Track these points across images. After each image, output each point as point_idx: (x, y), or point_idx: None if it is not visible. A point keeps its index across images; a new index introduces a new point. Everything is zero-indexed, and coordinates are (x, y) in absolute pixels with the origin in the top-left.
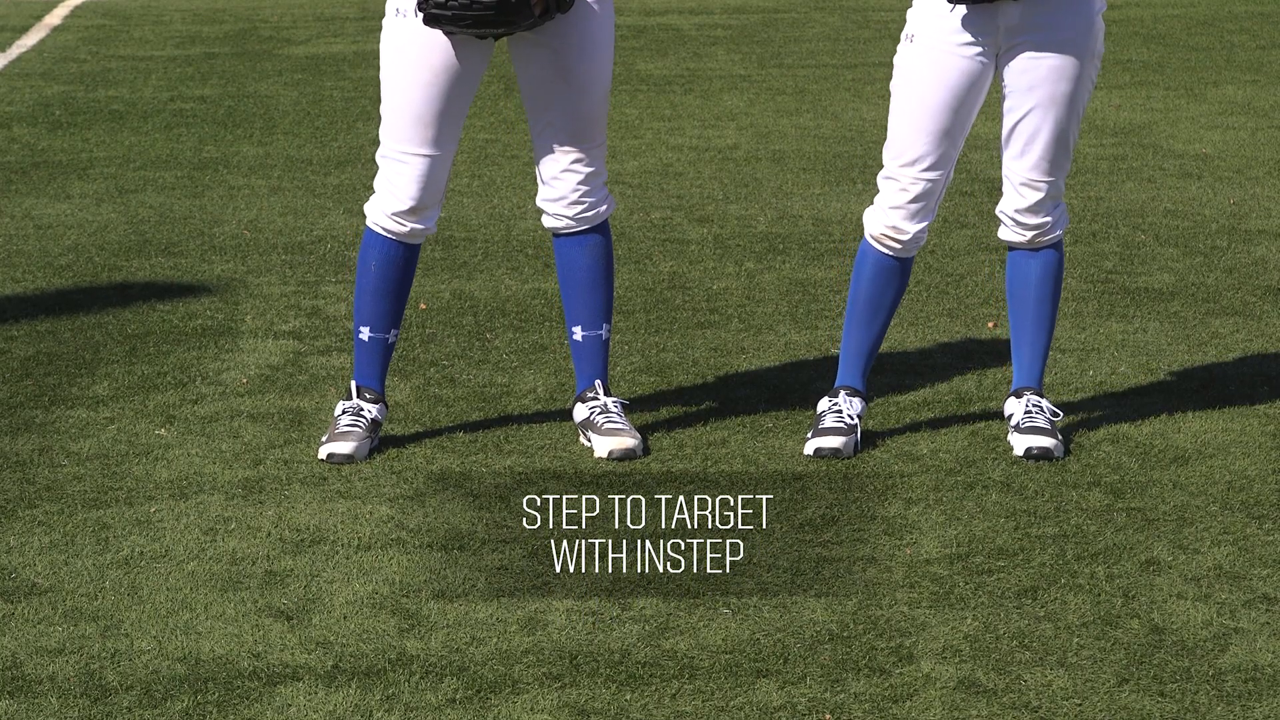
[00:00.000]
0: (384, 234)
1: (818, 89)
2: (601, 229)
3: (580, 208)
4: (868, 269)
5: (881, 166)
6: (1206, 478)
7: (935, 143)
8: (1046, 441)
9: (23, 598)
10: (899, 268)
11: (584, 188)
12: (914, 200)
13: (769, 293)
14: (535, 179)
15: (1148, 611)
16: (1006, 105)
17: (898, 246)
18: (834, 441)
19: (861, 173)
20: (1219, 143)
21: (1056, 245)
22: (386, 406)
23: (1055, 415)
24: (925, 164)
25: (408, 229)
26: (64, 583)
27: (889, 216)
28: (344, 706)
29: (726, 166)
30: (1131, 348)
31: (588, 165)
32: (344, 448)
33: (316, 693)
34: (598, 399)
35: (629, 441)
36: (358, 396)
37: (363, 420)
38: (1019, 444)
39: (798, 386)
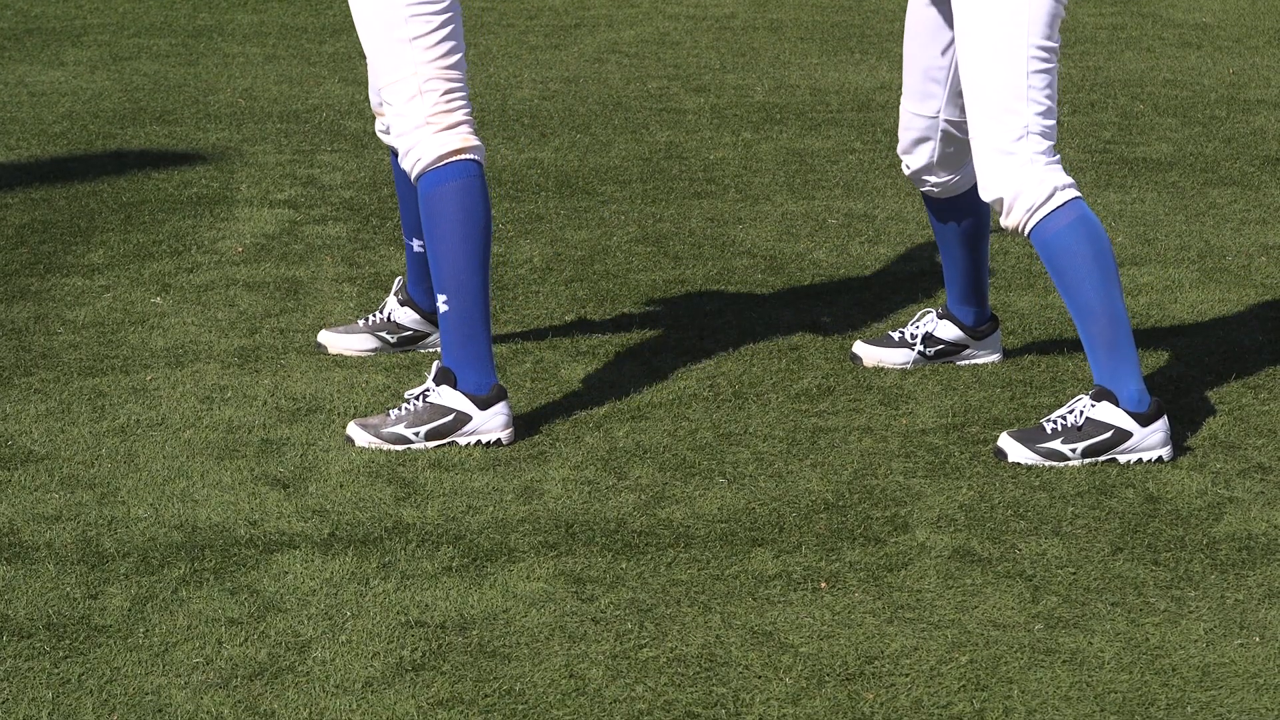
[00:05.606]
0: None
1: None
2: (424, 182)
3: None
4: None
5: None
6: (1203, 348)
7: (915, 78)
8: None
9: (19, 465)
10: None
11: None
12: (915, 141)
13: (766, 163)
14: (529, 49)
15: (1143, 481)
16: None
17: (922, 185)
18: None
19: (859, 42)
20: (1219, 11)
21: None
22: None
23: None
24: (908, 100)
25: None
26: (60, 450)
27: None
28: (340, 574)
29: (724, 35)
30: (1129, 218)
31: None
32: None
33: (313, 560)
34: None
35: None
36: None
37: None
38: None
39: (794, 257)
